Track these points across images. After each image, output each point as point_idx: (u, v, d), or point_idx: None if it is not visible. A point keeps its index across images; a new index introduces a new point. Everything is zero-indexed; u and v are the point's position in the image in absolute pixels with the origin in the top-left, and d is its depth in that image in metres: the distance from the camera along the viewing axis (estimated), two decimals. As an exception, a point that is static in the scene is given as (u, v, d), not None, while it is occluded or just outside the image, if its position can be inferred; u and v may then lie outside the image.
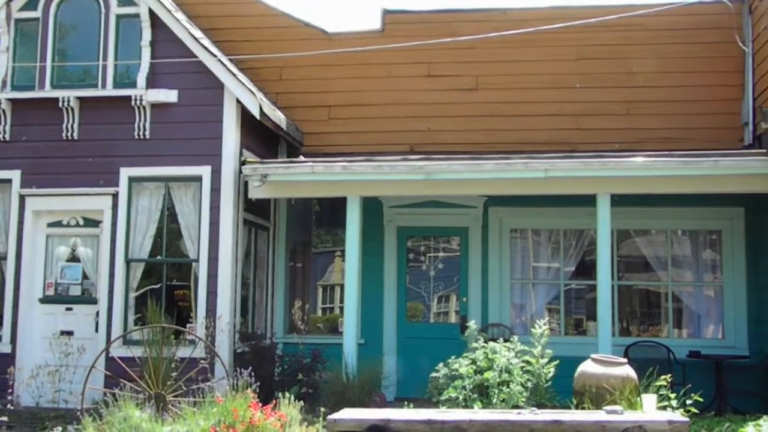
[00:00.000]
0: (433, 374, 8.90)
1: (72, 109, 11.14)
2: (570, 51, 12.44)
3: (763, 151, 10.35)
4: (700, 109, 12.10)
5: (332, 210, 12.59)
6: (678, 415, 7.48)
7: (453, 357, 8.94)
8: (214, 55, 10.97)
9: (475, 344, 8.89)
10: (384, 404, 9.99)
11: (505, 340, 8.96)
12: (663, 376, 8.51)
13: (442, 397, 8.50)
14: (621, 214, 10.98)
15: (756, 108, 11.46)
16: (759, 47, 11.47)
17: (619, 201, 10.49)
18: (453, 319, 12.43)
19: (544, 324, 8.86)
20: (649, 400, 7.63)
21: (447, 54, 12.50)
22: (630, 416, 7.09)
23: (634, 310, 12.60)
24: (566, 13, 12.14)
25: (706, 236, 12.23)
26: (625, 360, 8.75)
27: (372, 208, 11.89)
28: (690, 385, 8.81)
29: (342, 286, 10.76)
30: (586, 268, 12.02)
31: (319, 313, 13.45)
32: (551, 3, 12.72)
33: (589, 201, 10.36)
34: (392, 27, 12.74)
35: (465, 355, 8.84)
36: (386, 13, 12.86)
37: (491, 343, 8.85)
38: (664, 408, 8.10)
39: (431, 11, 12.90)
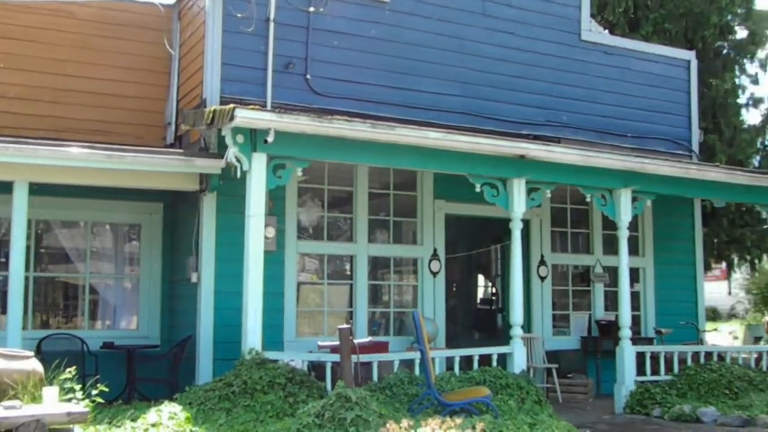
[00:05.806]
0: None
1: None
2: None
3: (181, 151, 10.98)
4: (131, 105, 12.36)
5: None
6: (79, 406, 7.52)
7: None
8: None
9: None
10: None
11: None
12: (70, 368, 8.47)
13: None
14: (44, 203, 10.76)
15: (179, 110, 12.09)
16: (185, 52, 12.13)
17: (42, 190, 10.18)
18: None
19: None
20: (50, 392, 7.54)
21: None
22: (29, 410, 6.94)
23: (55, 303, 12.36)
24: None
25: (128, 230, 12.51)
26: (31, 353, 8.48)
27: None
28: (98, 376, 8.88)
29: None
30: (2, 259, 11.45)
31: None
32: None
33: (8, 188, 9.89)
34: None
35: None
36: None
37: None
38: (69, 400, 8.05)
39: None
